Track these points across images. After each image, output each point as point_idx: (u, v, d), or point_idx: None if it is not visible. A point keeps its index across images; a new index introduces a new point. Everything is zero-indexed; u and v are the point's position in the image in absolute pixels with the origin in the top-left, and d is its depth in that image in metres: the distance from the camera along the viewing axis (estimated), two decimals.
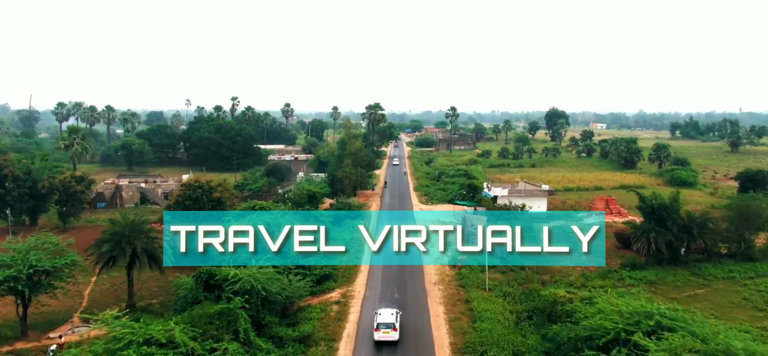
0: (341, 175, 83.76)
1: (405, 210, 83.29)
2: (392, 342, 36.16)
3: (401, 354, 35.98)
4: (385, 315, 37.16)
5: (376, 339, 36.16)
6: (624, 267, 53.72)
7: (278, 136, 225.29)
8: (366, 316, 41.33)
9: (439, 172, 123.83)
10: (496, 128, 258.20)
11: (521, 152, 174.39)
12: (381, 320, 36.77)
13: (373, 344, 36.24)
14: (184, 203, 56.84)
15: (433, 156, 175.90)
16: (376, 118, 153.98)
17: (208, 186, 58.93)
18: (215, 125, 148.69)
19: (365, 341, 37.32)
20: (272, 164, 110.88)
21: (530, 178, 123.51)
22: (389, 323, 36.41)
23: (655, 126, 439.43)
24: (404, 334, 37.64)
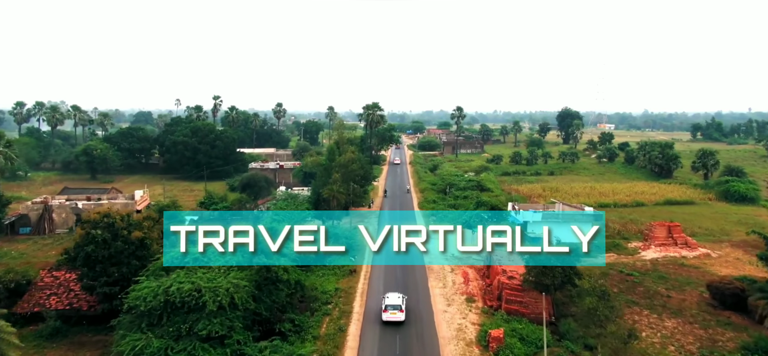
0: (327, 194, 65.38)
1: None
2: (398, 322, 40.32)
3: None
4: (393, 298, 41.34)
5: (384, 319, 40.25)
6: (746, 351, 34.98)
7: (269, 138, 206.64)
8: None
9: (448, 183, 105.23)
10: (504, 130, 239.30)
11: (535, 157, 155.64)
12: (389, 302, 40.79)
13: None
14: (86, 249, 38.15)
15: (437, 161, 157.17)
16: (374, 119, 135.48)
17: (122, 222, 39.98)
18: (191, 127, 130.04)
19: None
20: (250, 175, 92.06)
21: (554, 190, 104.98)
22: (396, 305, 40.47)
23: (665, 126, 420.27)
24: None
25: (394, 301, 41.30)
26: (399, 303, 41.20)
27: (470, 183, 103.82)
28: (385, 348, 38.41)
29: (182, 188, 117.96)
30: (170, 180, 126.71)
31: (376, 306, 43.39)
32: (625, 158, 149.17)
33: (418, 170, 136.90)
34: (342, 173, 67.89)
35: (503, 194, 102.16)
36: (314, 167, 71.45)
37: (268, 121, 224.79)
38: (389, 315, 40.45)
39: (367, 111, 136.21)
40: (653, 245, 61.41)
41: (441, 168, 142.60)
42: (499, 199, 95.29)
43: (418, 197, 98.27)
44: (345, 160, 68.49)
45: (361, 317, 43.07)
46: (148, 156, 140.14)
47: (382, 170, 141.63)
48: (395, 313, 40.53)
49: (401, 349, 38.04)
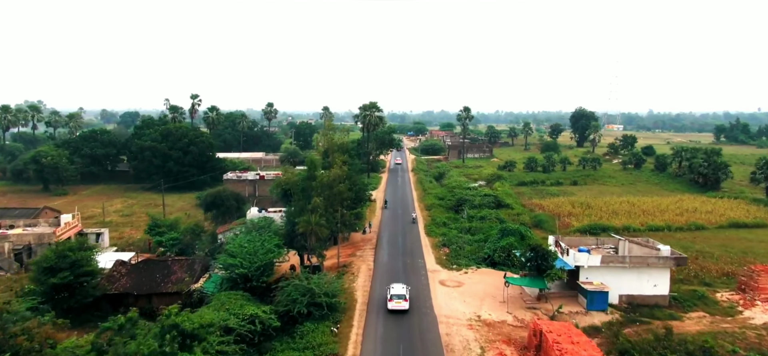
0: (303, 228, 47.36)
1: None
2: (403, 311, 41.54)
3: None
4: (397, 289, 43.04)
5: (389, 308, 41.54)
6: None
7: (259, 141, 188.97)
8: None
9: (459, 198, 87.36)
10: (512, 131, 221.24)
11: (553, 163, 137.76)
12: (394, 292, 42.48)
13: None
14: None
15: (443, 168, 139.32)
16: (372, 121, 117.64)
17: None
18: (161, 130, 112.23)
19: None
20: (216, 191, 73.76)
21: (585, 206, 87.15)
22: (401, 294, 42.13)
23: (675, 127, 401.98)
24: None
25: (398, 291, 42.53)
26: (403, 292, 42.38)
27: (486, 199, 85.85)
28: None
29: (147, 202, 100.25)
30: (136, 192, 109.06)
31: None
32: (654, 165, 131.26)
33: (422, 180, 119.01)
34: (325, 195, 50.21)
35: (525, 211, 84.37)
36: (291, 184, 53.97)
37: (258, 122, 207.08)
38: (394, 304, 41.52)
39: (364, 112, 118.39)
40: (759, 299, 43.59)
41: (448, 177, 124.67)
42: (522, 219, 77.70)
43: (425, 216, 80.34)
44: (329, 178, 50.60)
45: None
46: (115, 163, 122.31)
47: (381, 178, 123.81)
48: (400, 302, 41.62)
49: None
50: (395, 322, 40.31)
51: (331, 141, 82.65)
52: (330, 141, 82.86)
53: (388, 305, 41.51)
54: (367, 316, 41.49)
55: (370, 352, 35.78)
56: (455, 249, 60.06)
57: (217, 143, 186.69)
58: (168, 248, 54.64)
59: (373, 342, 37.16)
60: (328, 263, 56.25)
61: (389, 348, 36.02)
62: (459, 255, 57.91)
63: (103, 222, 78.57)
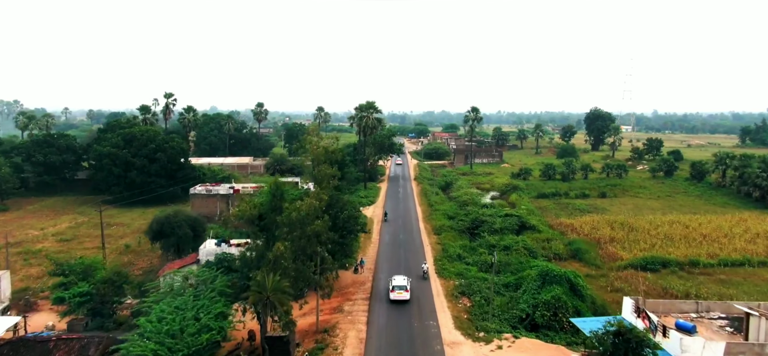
0: (255, 298, 30.37)
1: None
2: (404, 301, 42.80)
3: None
4: (399, 280, 44.64)
5: (391, 298, 43.19)
6: None
7: (247, 144, 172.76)
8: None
9: (474, 219, 71.16)
10: (521, 133, 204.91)
11: (573, 170, 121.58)
12: (396, 283, 44.09)
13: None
14: None
15: (449, 176, 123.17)
16: (369, 124, 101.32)
17: None
18: (124, 134, 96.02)
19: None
20: (165, 215, 56.62)
21: (629, 229, 70.98)
22: (402, 285, 43.76)
23: (685, 128, 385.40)
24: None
25: (400, 283, 44.26)
26: (404, 283, 44.24)
27: (507, 220, 69.45)
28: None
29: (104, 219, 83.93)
30: (94, 206, 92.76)
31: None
32: (690, 173, 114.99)
33: (427, 191, 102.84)
34: (294, 238, 33.82)
35: (555, 235, 68.14)
36: (248, 216, 37.78)
37: (248, 123, 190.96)
38: (396, 295, 43.23)
39: (360, 113, 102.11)
40: None
41: (456, 187, 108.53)
42: (555, 247, 61.59)
43: (433, 243, 64.08)
44: (299, 214, 33.94)
45: None
46: (75, 171, 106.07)
47: (379, 189, 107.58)
48: (401, 293, 43.29)
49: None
50: None
51: (316, 148, 66.28)
52: (316, 148, 66.42)
53: (390, 296, 43.33)
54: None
55: None
56: (479, 302, 43.77)
57: (203, 146, 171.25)
58: (74, 309, 38.36)
59: None
60: (304, 324, 40.14)
61: None
62: (485, 312, 41.60)
63: (31, 252, 62.43)
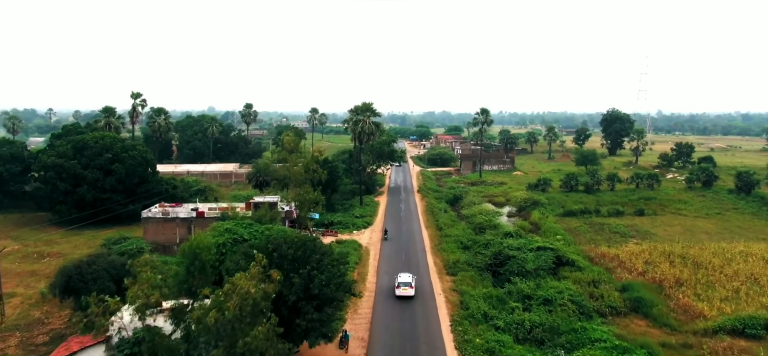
0: None
1: None
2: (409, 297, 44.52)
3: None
4: (404, 277, 46.95)
5: (397, 294, 45.10)
6: None
7: (235, 149, 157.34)
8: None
9: (496, 254, 55.33)
10: (531, 137, 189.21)
11: (598, 180, 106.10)
12: (401, 280, 46.38)
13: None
14: None
15: (457, 188, 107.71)
16: (365, 129, 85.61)
17: None
18: (73, 143, 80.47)
19: None
20: (73, 264, 40.43)
21: (694, 265, 55.47)
22: (407, 282, 45.78)
23: (695, 129, 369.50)
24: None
25: (405, 279, 46.41)
26: (409, 280, 46.19)
27: (540, 256, 53.74)
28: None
29: (41, 246, 68.45)
30: (36, 227, 77.07)
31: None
32: (736, 185, 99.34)
33: (433, 207, 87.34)
34: (226, 347, 18.91)
35: (603, 273, 52.54)
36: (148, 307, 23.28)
37: (235, 126, 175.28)
38: (401, 291, 45.22)
39: (355, 117, 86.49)
40: None
41: (466, 202, 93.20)
42: (604, 291, 46.21)
43: (447, 287, 48.62)
44: (225, 315, 18.90)
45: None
46: (23, 183, 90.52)
47: (378, 205, 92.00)
48: (406, 289, 45.23)
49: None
50: None
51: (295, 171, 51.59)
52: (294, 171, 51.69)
53: (396, 292, 45.38)
54: None
55: None
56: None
57: (186, 151, 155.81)
58: None
59: None
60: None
61: None
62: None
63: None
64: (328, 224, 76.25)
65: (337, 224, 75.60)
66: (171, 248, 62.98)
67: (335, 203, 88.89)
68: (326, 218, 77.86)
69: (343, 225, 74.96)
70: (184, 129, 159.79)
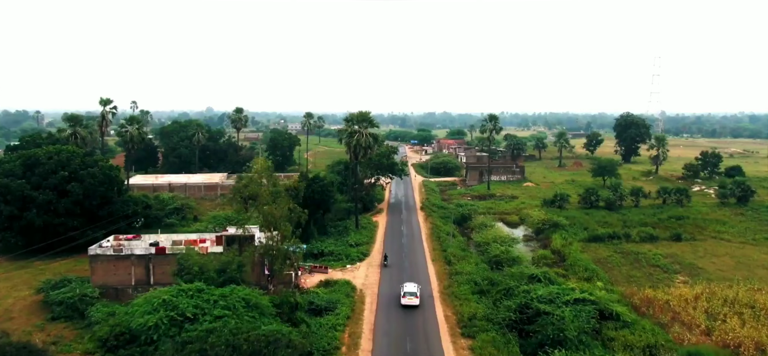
0: None
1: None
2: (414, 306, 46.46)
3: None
4: (410, 287, 48.32)
5: (402, 303, 46.77)
6: None
7: (224, 157, 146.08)
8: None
9: (523, 304, 43.99)
10: (540, 142, 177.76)
11: (621, 196, 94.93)
12: (406, 290, 47.80)
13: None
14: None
15: (465, 204, 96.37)
16: (362, 143, 74.02)
17: None
18: (23, 158, 69.24)
19: None
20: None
21: (756, 310, 44.21)
22: (412, 292, 47.46)
23: (705, 132, 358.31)
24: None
25: (410, 289, 47.91)
26: (414, 290, 47.85)
27: (580, 312, 42.39)
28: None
29: None
30: None
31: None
32: None
33: (439, 230, 76.11)
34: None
35: (662, 336, 41.23)
36: None
37: (226, 131, 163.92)
38: (407, 300, 46.86)
39: (351, 128, 74.91)
40: None
41: (475, 223, 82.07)
42: None
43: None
44: None
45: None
46: None
47: (376, 227, 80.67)
48: (411, 298, 46.91)
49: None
50: None
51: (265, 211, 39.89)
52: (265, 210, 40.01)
53: (402, 301, 47.10)
54: None
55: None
56: None
57: (171, 159, 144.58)
58: None
59: None
60: None
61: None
62: None
63: None
64: (318, 254, 65.11)
65: (327, 255, 64.44)
66: (125, 291, 51.75)
67: (328, 225, 77.80)
68: (316, 246, 66.73)
69: (335, 257, 63.81)
70: (170, 135, 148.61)
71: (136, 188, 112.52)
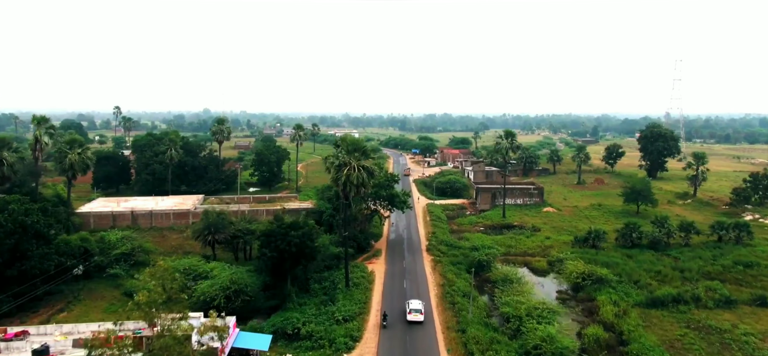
0: None
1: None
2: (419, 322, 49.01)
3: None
4: (415, 304, 50.92)
5: (408, 319, 49.40)
6: None
7: (203, 173, 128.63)
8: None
9: None
10: (554, 155, 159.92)
11: (669, 232, 77.77)
12: (412, 307, 50.34)
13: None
14: None
15: (479, 242, 78.79)
16: (354, 180, 56.18)
17: None
18: None
19: None
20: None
21: None
22: (418, 309, 50.05)
23: (717, 137, 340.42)
24: None
25: (416, 306, 50.52)
26: (420, 307, 50.47)
27: None
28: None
29: None
30: None
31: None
32: None
33: (452, 289, 58.73)
34: None
35: None
36: None
37: (206, 144, 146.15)
38: (412, 317, 49.49)
39: (338, 160, 57.29)
40: None
41: (497, 276, 64.82)
42: None
43: None
44: None
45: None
46: None
47: (371, 279, 63.27)
48: (417, 315, 49.54)
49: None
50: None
51: None
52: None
53: (408, 317, 49.55)
54: None
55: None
56: None
57: (144, 176, 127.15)
58: None
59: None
60: None
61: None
62: None
63: None
64: (292, 335, 47.83)
65: (303, 338, 47.14)
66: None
67: (311, 278, 60.62)
68: (291, 321, 49.43)
69: (313, 340, 46.55)
70: (143, 149, 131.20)
71: (91, 218, 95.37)
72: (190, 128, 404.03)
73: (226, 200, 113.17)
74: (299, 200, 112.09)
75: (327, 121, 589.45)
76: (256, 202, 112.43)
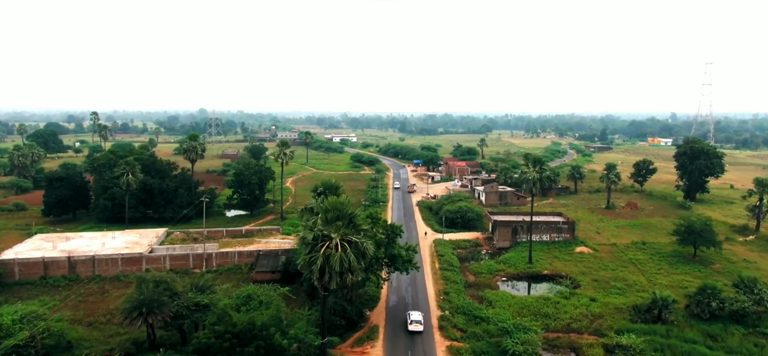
0: None
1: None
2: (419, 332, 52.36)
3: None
4: (415, 315, 54.55)
5: (409, 329, 52.86)
6: None
7: (173, 197, 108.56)
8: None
9: None
10: (575, 172, 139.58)
11: (760, 300, 58.02)
12: (413, 318, 54.00)
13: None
14: None
15: (523, 329, 58.81)
16: (335, 266, 36.37)
17: None
18: None
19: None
20: None
21: None
22: (418, 320, 53.64)
23: (734, 141, 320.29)
24: None
25: (416, 317, 53.98)
26: (420, 318, 54.04)
27: None
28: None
29: None
30: None
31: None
32: None
33: None
34: None
35: None
36: None
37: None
38: (413, 327, 52.91)
39: (311, 227, 37.60)
40: None
41: None
42: None
43: None
44: None
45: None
46: None
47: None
48: (417, 325, 53.02)
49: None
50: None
51: None
52: None
53: (409, 327, 52.86)
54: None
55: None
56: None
57: (103, 201, 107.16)
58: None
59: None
60: None
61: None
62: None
63: None
64: None
65: None
66: None
67: None
68: None
69: None
70: (102, 169, 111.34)
71: (16, 267, 75.13)
72: (182, 130, 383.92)
73: (194, 234, 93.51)
74: (281, 235, 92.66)
75: (325, 121, 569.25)
76: (230, 236, 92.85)
